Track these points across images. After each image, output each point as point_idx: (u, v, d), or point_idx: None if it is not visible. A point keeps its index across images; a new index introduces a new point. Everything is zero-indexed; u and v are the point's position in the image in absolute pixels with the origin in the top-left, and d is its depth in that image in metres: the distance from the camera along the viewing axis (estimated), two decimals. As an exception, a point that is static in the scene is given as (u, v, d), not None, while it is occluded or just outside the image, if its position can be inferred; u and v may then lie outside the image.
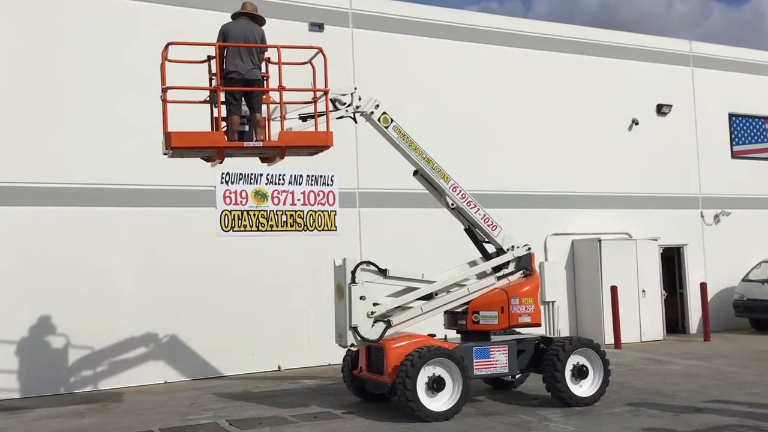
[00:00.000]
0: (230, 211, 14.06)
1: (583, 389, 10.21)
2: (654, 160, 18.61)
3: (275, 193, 14.46)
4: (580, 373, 10.19)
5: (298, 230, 14.63)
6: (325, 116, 10.01)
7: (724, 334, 18.06)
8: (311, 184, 14.77)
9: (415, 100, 15.76)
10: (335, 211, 15.00)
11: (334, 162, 14.01)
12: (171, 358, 13.41)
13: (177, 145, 9.35)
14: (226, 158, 10.01)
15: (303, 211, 14.70)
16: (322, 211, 14.88)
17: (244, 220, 14.20)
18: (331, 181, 14.96)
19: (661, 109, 18.89)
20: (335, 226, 14.98)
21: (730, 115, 20.02)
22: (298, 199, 14.63)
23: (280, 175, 14.40)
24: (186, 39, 12.59)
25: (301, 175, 14.58)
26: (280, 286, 14.35)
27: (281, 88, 9.68)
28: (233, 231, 14.10)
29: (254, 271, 14.16)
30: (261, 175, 14.21)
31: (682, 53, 19.44)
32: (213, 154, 9.79)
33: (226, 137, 9.59)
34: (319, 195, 14.85)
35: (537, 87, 17.32)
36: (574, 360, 10.20)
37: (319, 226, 14.83)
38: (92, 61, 13.16)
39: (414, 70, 15.94)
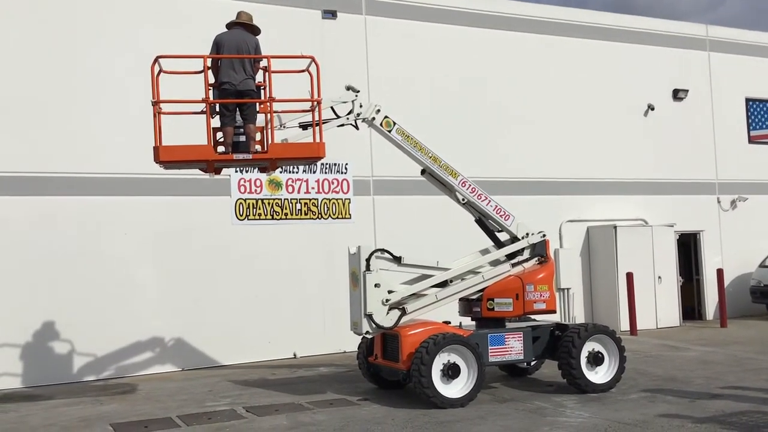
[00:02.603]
0: (245, 200, 14.11)
1: (599, 376, 10.20)
2: (670, 146, 18.47)
3: (289, 182, 14.48)
4: (595, 359, 10.18)
5: (312, 218, 14.66)
6: (324, 125, 9.95)
7: (741, 321, 17.96)
8: (325, 173, 14.78)
9: (428, 88, 15.74)
10: (349, 199, 15.02)
11: (348, 150, 14.02)
12: (188, 346, 13.51)
13: (165, 159, 9.32)
14: (230, 155, 9.80)
15: (317, 199, 14.73)
16: (337, 199, 14.90)
17: (259, 209, 14.25)
18: (345, 169, 14.97)
19: (678, 95, 18.73)
20: (349, 214, 15.00)
21: (747, 100, 19.83)
22: (313, 188, 14.65)
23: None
24: (195, 26, 12.72)
25: (315, 164, 14.58)
26: (294, 274, 14.40)
27: (271, 99, 9.54)
28: (248, 219, 14.16)
29: (269, 260, 14.22)
30: (275, 163, 14.21)
31: (698, 37, 19.25)
32: (204, 166, 9.72)
33: (215, 150, 9.51)
34: (333, 183, 14.87)
35: (552, 73, 17.21)
36: (589, 346, 10.18)
37: (334, 214, 14.85)
38: (107, 50, 13.19)
39: (428, 58, 15.88)
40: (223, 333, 13.74)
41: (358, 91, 14.85)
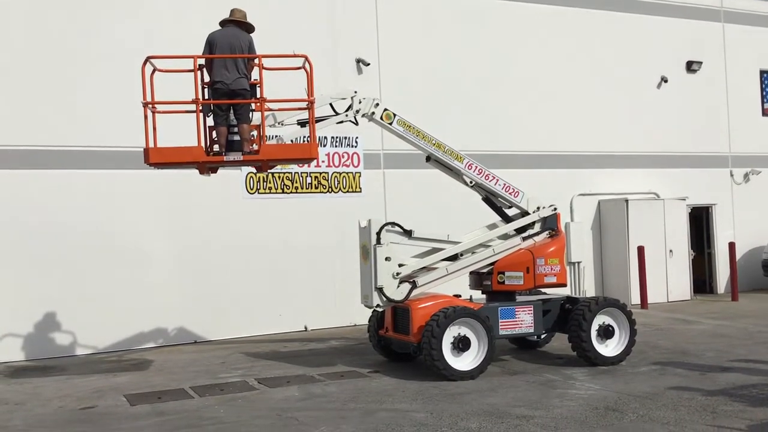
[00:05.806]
0: (255, 174, 14.10)
1: (609, 349, 10.22)
2: (683, 118, 18.32)
3: (300, 155, 14.44)
4: (606, 332, 10.18)
5: (323, 192, 14.65)
6: (323, 122, 9.91)
7: (752, 294, 17.92)
8: (336, 146, 14.74)
9: (439, 62, 15.60)
10: (360, 172, 14.99)
11: (359, 123, 13.92)
12: (199, 319, 13.59)
13: (155, 161, 9.24)
14: (221, 156, 9.63)
15: (328, 172, 14.71)
16: (347, 173, 14.88)
17: (269, 182, 14.25)
18: (356, 142, 14.92)
19: (691, 66, 18.52)
20: (360, 188, 14.98)
21: (762, 72, 19.59)
22: (323, 161, 14.62)
23: (304, 137, 14.34)
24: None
25: (325, 137, 14.53)
26: (305, 248, 14.43)
27: (263, 99, 9.44)
28: (258, 193, 14.16)
29: (280, 233, 14.25)
30: (285, 136, 14.19)
31: (712, 8, 18.98)
32: (195, 167, 9.64)
33: (211, 149, 9.44)
34: (343, 156, 14.84)
35: (563, 44, 17.03)
36: (600, 320, 10.19)
37: (344, 188, 14.84)
38: (123, 22, 13.11)
39: (439, 31, 15.72)
40: (234, 306, 13.82)
41: (368, 64, 14.92)
